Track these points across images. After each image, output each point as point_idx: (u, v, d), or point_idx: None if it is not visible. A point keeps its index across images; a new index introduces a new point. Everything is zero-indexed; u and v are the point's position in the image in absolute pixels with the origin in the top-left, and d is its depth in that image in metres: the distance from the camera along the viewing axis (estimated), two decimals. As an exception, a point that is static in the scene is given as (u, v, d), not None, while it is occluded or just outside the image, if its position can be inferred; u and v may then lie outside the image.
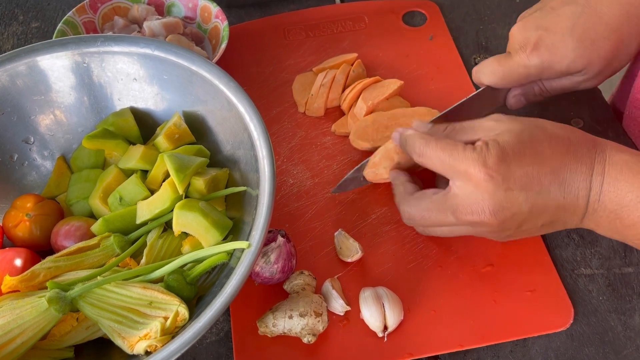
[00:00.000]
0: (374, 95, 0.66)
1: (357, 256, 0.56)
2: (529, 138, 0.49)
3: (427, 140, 0.50)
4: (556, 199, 0.48)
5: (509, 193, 0.47)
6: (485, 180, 0.47)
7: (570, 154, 0.49)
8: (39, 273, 0.49)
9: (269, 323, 0.52)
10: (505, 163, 0.47)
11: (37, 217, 0.55)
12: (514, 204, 0.48)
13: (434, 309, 0.54)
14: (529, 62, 0.55)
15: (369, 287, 0.54)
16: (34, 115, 0.58)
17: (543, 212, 0.49)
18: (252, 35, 0.76)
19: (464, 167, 0.48)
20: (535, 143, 0.49)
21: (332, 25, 0.77)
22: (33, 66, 0.56)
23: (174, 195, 0.51)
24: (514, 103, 0.61)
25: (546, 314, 0.54)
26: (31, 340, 0.45)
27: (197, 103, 0.56)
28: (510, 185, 0.47)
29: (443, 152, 0.49)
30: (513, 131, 0.49)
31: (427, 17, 0.77)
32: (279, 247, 0.52)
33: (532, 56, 0.55)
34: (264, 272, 0.52)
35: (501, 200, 0.48)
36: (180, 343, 0.41)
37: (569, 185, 0.48)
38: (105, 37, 0.56)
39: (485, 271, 0.56)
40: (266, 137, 0.49)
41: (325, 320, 0.52)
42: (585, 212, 0.49)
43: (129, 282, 0.47)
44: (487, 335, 0.53)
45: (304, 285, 0.54)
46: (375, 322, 0.52)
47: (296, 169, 0.64)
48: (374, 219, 0.60)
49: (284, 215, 0.61)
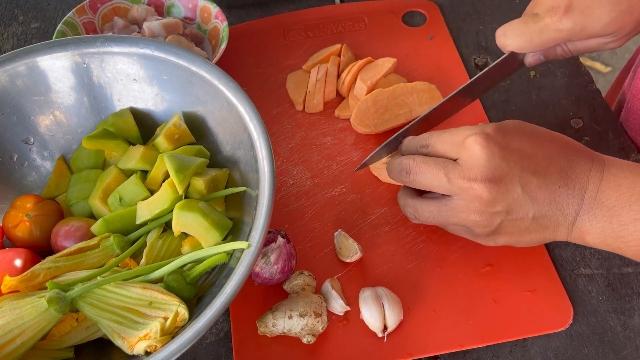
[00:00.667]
0: (371, 74, 0.67)
1: (356, 257, 0.56)
2: (529, 127, 0.50)
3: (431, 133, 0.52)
4: (551, 186, 0.47)
5: (504, 162, 0.47)
6: (482, 146, 0.47)
7: (570, 149, 0.49)
8: (38, 273, 0.49)
9: (268, 323, 0.52)
10: (502, 134, 0.48)
11: (37, 217, 0.55)
12: (507, 175, 0.47)
13: (433, 309, 0.54)
14: (561, 25, 0.52)
15: (368, 287, 0.54)
16: (34, 115, 0.58)
17: (536, 198, 0.47)
18: (251, 35, 0.77)
19: (462, 137, 0.48)
20: (535, 131, 0.50)
21: (332, 25, 0.77)
22: (33, 67, 0.56)
23: (173, 196, 0.52)
24: (534, 61, 0.58)
25: (546, 314, 0.54)
26: (31, 341, 0.45)
27: (196, 103, 0.56)
28: (506, 155, 0.47)
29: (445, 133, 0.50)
30: (513, 120, 0.51)
31: (427, 17, 0.77)
32: (279, 248, 0.52)
33: (565, 19, 0.52)
34: (264, 273, 0.52)
35: (495, 167, 0.47)
36: (180, 343, 0.41)
37: (566, 174, 0.48)
38: (105, 38, 0.56)
39: (484, 271, 0.56)
40: (266, 137, 0.49)
41: (324, 321, 0.52)
42: (581, 207, 0.48)
43: (128, 283, 0.47)
44: (487, 336, 0.53)
45: (303, 285, 0.54)
46: (375, 322, 0.52)
47: (296, 169, 0.65)
48: (374, 219, 0.60)
49: (283, 216, 0.61)
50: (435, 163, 0.50)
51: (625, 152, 0.64)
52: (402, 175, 0.52)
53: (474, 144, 0.48)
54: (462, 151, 0.49)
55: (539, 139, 0.49)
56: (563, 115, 0.67)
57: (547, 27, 0.53)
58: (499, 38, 0.56)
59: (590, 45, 0.56)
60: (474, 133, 0.48)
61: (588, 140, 0.65)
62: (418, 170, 0.50)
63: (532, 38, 0.54)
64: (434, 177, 0.49)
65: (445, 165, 0.49)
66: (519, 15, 0.58)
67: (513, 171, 0.47)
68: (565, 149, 0.49)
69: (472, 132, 0.49)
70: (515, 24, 0.55)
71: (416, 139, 0.53)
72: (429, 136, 0.52)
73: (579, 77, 0.71)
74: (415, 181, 0.51)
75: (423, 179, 0.50)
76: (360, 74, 0.68)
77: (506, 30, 0.55)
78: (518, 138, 0.49)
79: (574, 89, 0.70)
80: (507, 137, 0.48)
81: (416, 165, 0.51)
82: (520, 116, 0.67)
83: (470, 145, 0.48)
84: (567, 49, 0.57)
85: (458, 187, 0.48)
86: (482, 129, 0.49)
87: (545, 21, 0.53)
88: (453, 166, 0.49)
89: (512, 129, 0.49)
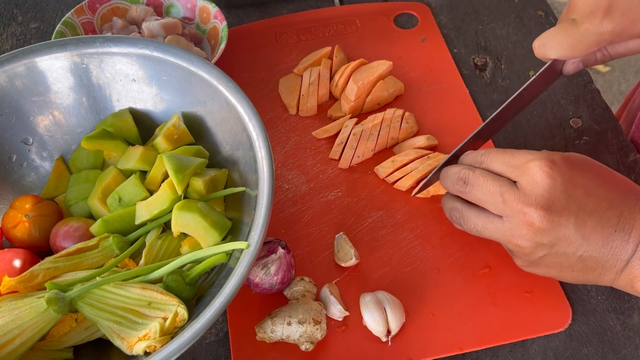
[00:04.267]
0: (364, 76, 0.67)
1: (351, 262, 0.56)
2: (596, 165, 0.49)
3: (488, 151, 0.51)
4: (607, 229, 0.46)
5: (564, 196, 0.46)
6: (546, 174, 0.46)
7: (632, 194, 0.47)
8: (37, 274, 0.49)
9: (267, 329, 0.51)
10: (569, 166, 0.47)
11: (36, 217, 0.55)
12: (564, 209, 0.46)
13: (432, 312, 0.54)
14: (602, 28, 0.50)
15: (368, 293, 0.54)
16: (33, 116, 0.58)
17: (588, 238, 0.46)
18: (243, 38, 0.76)
19: (525, 160, 0.47)
20: (601, 170, 0.49)
21: (324, 28, 0.77)
22: (32, 67, 0.56)
23: (173, 196, 0.51)
24: (573, 69, 0.56)
25: (544, 314, 0.54)
26: (30, 341, 0.45)
27: (196, 104, 0.56)
28: (569, 188, 0.46)
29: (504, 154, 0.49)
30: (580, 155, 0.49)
31: (419, 19, 0.77)
32: (280, 259, 0.52)
33: (605, 22, 0.50)
34: (264, 284, 0.52)
35: (555, 198, 0.46)
36: (179, 343, 0.41)
37: (625, 219, 0.46)
38: (104, 38, 0.56)
39: (482, 273, 0.56)
40: (265, 137, 0.49)
41: (324, 329, 0.51)
42: (634, 255, 0.46)
43: (127, 283, 0.47)
44: (487, 338, 0.53)
45: (304, 292, 0.53)
46: (378, 327, 0.52)
47: (291, 174, 0.64)
48: (370, 223, 0.60)
49: (280, 221, 0.60)
50: (494, 180, 0.49)
51: (624, 152, 0.64)
52: (459, 184, 0.51)
53: (538, 169, 0.47)
54: (523, 175, 0.47)
55: (603, 179, 0.48)
56: (562, 115, 0.67)
57: (587, 32, 0.51)
58: (538, 49, 0.54)
59: (631, 47, 0.54)
60: (539, 158, 0.47)
61: (587, 140, 0.65)
62: (476, 183, 0.49)
63: (574, 44, 0.52)
64: (489, 193, 0.49)
65: (503, 184, 0.48)
66: (518, 15, 0.58)
67: (570, 207, 0.46)
68: (627, 193, 0.47)
69: (536, 157, 0.47)
70: (554, 32, 0.53)
71: (473, 154, 0.52)
72: (486, 153, 0.51)
73: (578, 77, 0.71)
74: (470, 193, 0.50)
75: (478, 193, 0.49)
76: (354, 74, 0.68)
77: (545, 40, 0.53)
78: (582, 174, 0.47)
79: (573, 88, 0.70)
80: (573, 171, 0.47)
81: (475, 177, 0.50)
82: (520, 116, 0.67)
83: (533, 170, 0.47)
84: (607, 53, 0.55)
85: (511, 208, 0.47)
86: (548, 155, 0.47)
87: (585, 26, 0.51)
88: (510, 187, 0.48)
89: (578, 163, 0.48)
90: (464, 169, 0.51)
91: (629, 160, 0.64)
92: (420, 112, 0.68)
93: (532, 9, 0.78)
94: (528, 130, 0.67)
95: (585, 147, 0.65)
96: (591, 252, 0.47)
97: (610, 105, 0.68)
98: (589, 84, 0.70)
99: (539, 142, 0.66)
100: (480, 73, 0.72)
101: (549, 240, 0.47)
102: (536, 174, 0.47)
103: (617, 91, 1.77)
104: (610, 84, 1.78)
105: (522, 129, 0.67)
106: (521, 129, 0.67)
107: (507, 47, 0.74)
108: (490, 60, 0.73)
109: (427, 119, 0.68)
